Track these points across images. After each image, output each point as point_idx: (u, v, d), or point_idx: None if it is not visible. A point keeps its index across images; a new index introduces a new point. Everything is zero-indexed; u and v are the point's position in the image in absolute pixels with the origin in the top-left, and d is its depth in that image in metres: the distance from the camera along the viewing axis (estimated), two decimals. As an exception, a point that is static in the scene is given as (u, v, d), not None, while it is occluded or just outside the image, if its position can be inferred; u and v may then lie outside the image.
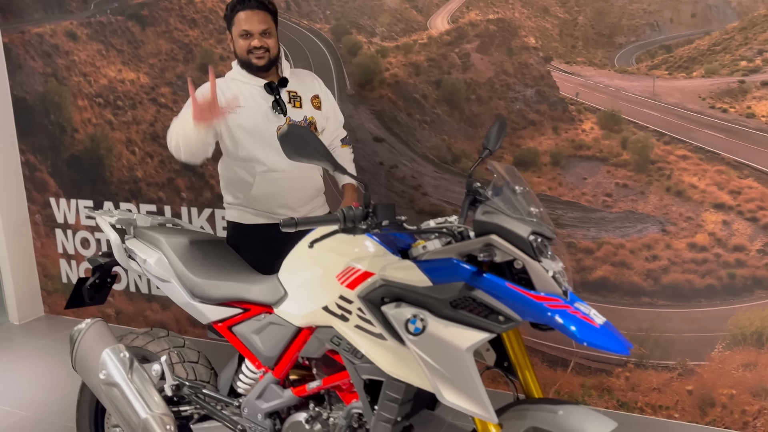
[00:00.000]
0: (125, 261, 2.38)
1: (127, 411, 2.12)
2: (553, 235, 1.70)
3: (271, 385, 2.06)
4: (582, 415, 1.61)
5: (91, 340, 2.23)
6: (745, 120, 2.68)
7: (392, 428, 1.81)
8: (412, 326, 1.68)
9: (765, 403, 2.84)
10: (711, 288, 2.83)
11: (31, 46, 4.06)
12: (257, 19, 2.45)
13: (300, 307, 1.95)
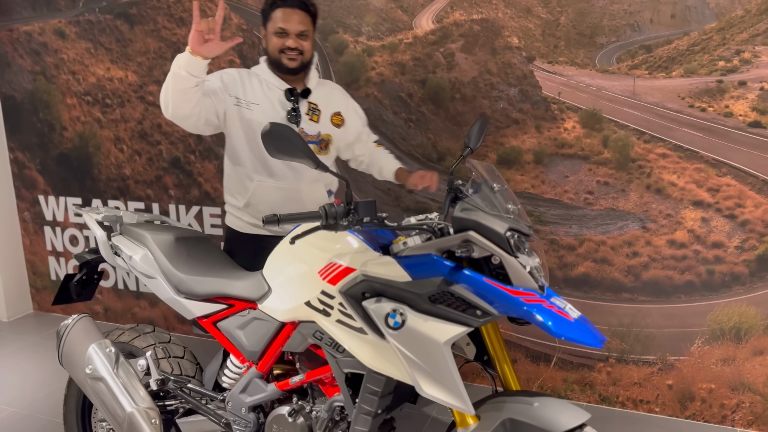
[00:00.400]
0: (111, 257, 2.41)
1: (112, 405, 2.14)
2: (530, 231, 1.73)
3: (255, 380, 2.09)
4: (557, 406, 1.65)
5: (78, 336, 2.26)
6: (723, 119, 2.73)
7: (372, 421, 1.84)
8: (391, 320, 1.71)
9: (743, 397, 2.90)
10: (690, 284, 2.88)
11: (20, 44, 4.07)
12: (296, 18, 2.34)
13: (283, 302, 1.98)
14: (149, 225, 2.46)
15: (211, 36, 2.10)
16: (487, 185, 1.80)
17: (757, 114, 2.67)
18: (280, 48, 2.34)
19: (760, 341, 2.82)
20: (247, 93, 2.39)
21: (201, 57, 2.12)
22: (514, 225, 1.68)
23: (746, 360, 2.86)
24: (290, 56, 2.35)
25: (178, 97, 2.20)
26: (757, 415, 2.89)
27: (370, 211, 1.71)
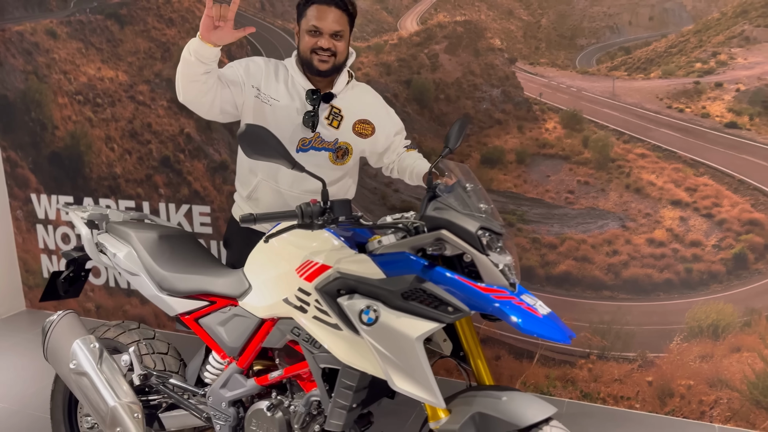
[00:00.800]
0: (96, 255, 2.45)
1: (96, 399, 2.19)
2: (502, 230, 1.77)
3: (235, 375, 2.13)
4: (524, 400, 1.69)
5: (63, 332, 2.30)
6: (701, 120, 2.77)
7: (347, 414, 1.88)
8: (365, 316, 1.75)
9: (721, 393, 2.95)
10: (669, 282, 2.93)
11: (12, 43, 4.11)
12: (332, 17, 2.19)
13: (263, 299, 2.02)
14: (134, 223, 2.50)
15: (221, 23, 2.02)
16: (460, 185, 1.83)
17: (733, 115, 2.72)
18: (312, 48, 2.21)
19: (737, 338, 2.87)
20: (270, 87, 2.30)
21: (211, 44, 2.05)
22: (486, 224, 1.71)
23: (724, 357, 2.91)
24: (322, 57, 2.22)
25: (188, 83, 2.15)
26: (735, 411, 2.93)
27: (344, 210, 1.74)
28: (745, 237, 2.79)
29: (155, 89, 3.77)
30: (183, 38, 3.63)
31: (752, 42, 2.65)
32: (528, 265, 3.14)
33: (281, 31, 3.41)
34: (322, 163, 2.35)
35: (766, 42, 2.63)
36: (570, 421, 3.01)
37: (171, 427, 2.28)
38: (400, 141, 2.52)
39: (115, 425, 2.17)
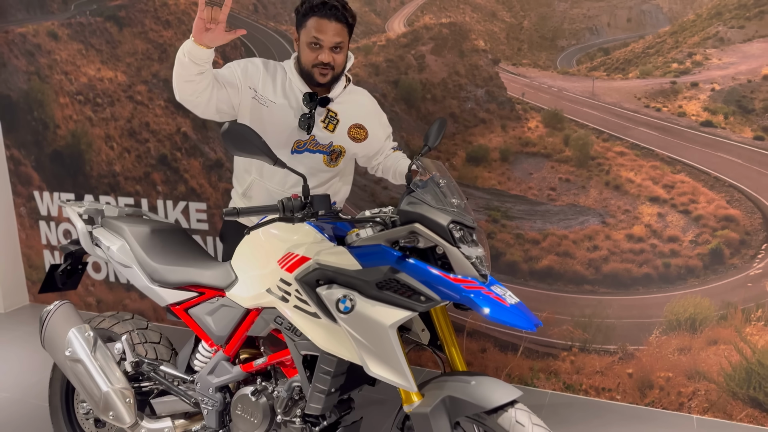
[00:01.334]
0: (91, 248, 2.55)
1: (90, 385, 2.30)
2: (474, 224, 1.85)
3: (222, 362, 2.23)
4: (491, 384, 1.78)
5: (59, 321, 2.42)
6: (677, 118, 2.85)
7: (326, 398, 1.98)
8: (342, 305, 1.83)
9: (699, 385, 3.02)
10: (648, 276, 3.01)
11: (15, 45, 4.23)
12: (332, 30, 2.20)
13: (248, 290, 2.12)
14: (129, 218, 2.60)
15: (213, 25, 2.06)
16: (434, 181, 1.91)
17: (708, 114, 2.80)
18: (313, 62, 2.24)
19: (714, 331, 2.95)
20: (267, 89, 2.33)
21: (204, 46, 2.09)
22: (457, 218, 1.79)
23: (701, 349, 2.99)
24: (322, 71, 2.25)
25: (183, 83, 2.20)
26: (712, 403, 3.01)
27: (324, 204, 1.84)
28: (720, 233, 2.87)
29: (153, 89, 3.87)
30: (179, 40, 3.73)
31: (726, 43, 2.73)
32: (512, 260, 3.23)
33: (274, 33, 3.51)
34: (315, 164, 2.41)
35: (739, 43, 2.71)
36: (553, 412, 3.10)
37: (161, 412, 2.38)
38: (388, 144, 2.59)
39: (108, 410, 2.28)
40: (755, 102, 2.72)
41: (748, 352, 2.91)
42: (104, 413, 2.29)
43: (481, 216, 3.23)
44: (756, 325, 2.88)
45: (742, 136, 2.76)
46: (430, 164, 2.04)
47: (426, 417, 1.76)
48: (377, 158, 2.57)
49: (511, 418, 1.70)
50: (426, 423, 1.76)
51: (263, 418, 2.12)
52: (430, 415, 1.75)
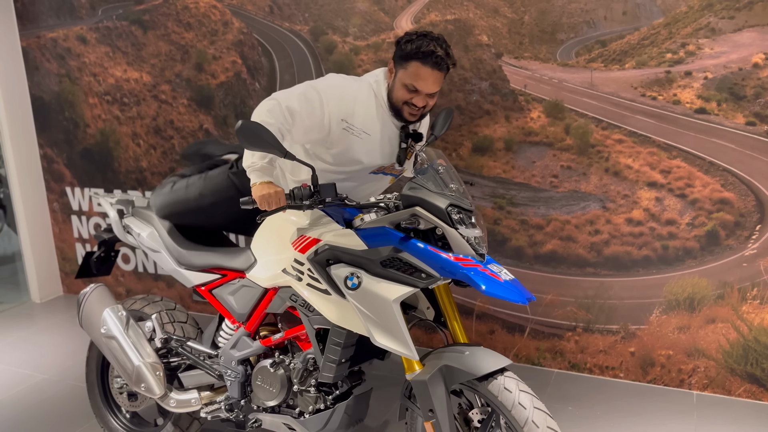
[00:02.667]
0: (123, 235, 2.77)
1: (123, 360, 2.51)
2: (472, 207, 2.01)
3: (244, 338, 2.43)
4: (483, 354, 1.93)
5: (95, 302, 2.63)
6: (672, 106, 2.98)
7: (337, 368, 2.15)
8: (350, 282, 2.01)
9: (698, 362, 3.15)
10: (647, 258, 3.14)
11: (47, 49, 4.48)
12: (432, 79, 2.12)
13: (265, 271, 2.30)
14: None
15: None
16: (433, 167, 2.06)
17: (702, 101, 2.92)
18: (405, 101, 2.17)
19: (711, 310, 3.07)
20: (360, 120, 2.22)
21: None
22: (455, 201, 1.95)
23: (700, 328, 3.11)
24: (413, 111, 2.19)
25: None
26: (712, 379, 3.14)
27: (330, 192, 2.01)
28: (716, 215, 2.99)
29: (176, 89, 4.09)
30: (200, 41, 3.94)
31: (718, 33, 2.85)
32: (517, 245, 3.38)
33: (289, 33, 3.70)
34: (383, 184, 2.51)
35: (730, 33, 2.83)
36: (558, 390, 3.24)
37: (188, 384, 2.58)
38: None
39: (140, 382, 2.49)
40: (746, 89, 2.84)
41: (745, 330, 3.03)
42: (137, 385, 2.50)
43: (486, 203, 3.39)
44: (752, 304, 3.00)
45: (734, 122, 2.88)
46: (431, 152, 2.19)
47: (425, 384, 1.91)
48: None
49: (500, 385, 1.84)
50: (425, 389, 1.92)
51: (281, 387, 2.30)
52: (428, 382, 1.91)
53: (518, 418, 1.80)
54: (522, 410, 1.80)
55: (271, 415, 2.38)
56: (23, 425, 3.11)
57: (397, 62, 2.17)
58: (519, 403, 1.81)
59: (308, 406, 2.27)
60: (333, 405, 2.23)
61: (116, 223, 2.78)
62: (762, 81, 2.80)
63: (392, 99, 2.21)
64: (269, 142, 1.93)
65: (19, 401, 3.34)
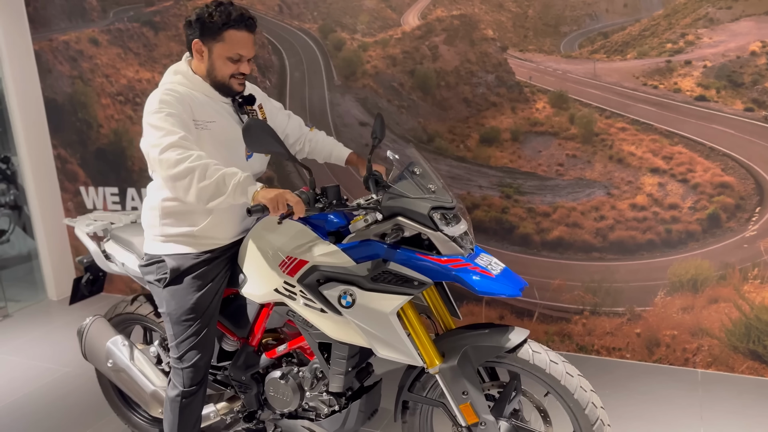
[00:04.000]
0: (105, 265, 2.72)
1: (135, 389, 2.56)
2: (453, 204, 1.98)
3: (248, 353, 2.40)
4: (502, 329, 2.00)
5: (95, 335, 2.67)
6: (673, 95, 3.09)
7: (345, 378, 2.16)
8: (344, 301, 2.00)
9: (702, 341, 3.26)
10: (651, 242, 3.26)
11: (59, 52, 4.58)
12: (251, 42, 2.14)
13: (258, 288, 2.22)
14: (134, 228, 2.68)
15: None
16: (408, 171, 2.03)
17: (701, 89, 3.03)
18: (232, 73, 2.15)
19: (714, 291, 3.18)
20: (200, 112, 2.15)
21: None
22: (436, 203, 1.93)
23: (703, 308, 3.23)
24: (240, 81, 2.19)
25: (206, 200, 2.01)
26: (715, 357, 3.25)
27: (336, 194, 1.98)
28: (717, 199, 3.10)
29: (188, 87, 4.18)
30: (211, 41, 4.03)
31: (716, 23, 2.96)
32: (525, 233, 3.49)
33: (298, 31, 3.80)
34: (262, 159, 2.38)
35: (727, 22, 2.93)
36: (566, 370, 3.35)
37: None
38: (291, 118, 2.55)
39: (157, 407, 2.53)
40: (744, 76, 2.95)
41: (747, 309, 3.14)
42: (154, 411, 2.54)
43: (494, 192, 3.50)
44: (753, 283, 3.11)
45: (733, 108, 2.99)
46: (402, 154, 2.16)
47: (455, 368, 1.96)
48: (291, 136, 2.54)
49: (528, 351, 1.95)
50: (456, 373, 1.97)
51: (293, 395, 2.31)
52: (458, 366, 1.96)
53: (555, 374, 1.92)
54: (556, 366, 1.93)
55: (288, 420, 2.40)
56: (53, 415, 3.22)
57: (207, 40, 2.10)
58: (551, 361, 1.94)
59: (323, 409, 2.30)
60: (347, 405, 2.26)
61: (97, 255, 2.73)
62: (759, 68, 2.91)
63: (217, 78, 2.15)
64: (278, 142, 1.88)
65: (47, 393, 3.46)
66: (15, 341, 4.19)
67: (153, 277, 2.29)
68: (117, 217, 2.86)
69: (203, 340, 2.26)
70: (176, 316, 2.24)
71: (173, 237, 2.23)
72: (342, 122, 3.74)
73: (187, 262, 2.23)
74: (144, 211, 2.33)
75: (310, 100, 3.84)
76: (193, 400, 2.31)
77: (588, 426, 1.94)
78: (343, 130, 3.73)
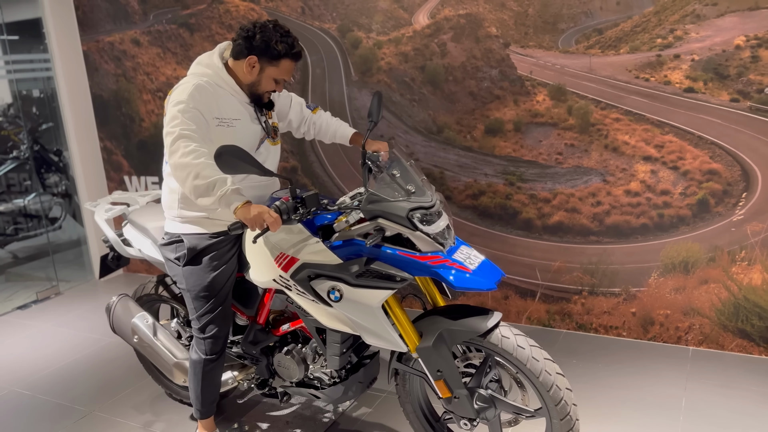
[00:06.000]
0: (124, 251, 2.94)
1: (159, 360, 2.85)
2: (432, 202, 2.09)
3: (257, 330, 2.65)
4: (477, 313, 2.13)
5: (121, 313, 2.95)
6: (664, 87, 3.28)
7: (340, 358, 2.39)
8: (332, 296, 2.17)
9: (693, 320, 3.45)
10: (645, 226, 3.45)
11: (105, 52, 4.99)
12: (293, 69, 2.41)
13: (259, 275, 2.41)
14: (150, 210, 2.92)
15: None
16: (388, 173, 2.14)
17: (690, 81, 3.21)
18: (270, 90, 2.41)
19: (704, 272, 3.37)
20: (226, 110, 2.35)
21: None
22: (414, 204, 2.05)
23: (694, 288, 3.41)
24: (270, 94, 2.45)
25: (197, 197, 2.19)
26: (706, 335, 3.43)
27: (314, 202, 2.11)
28: (706, 185, 3.28)
29: (220, 84, 4.53)
30: (240, 40, 4.37)
31: (702, 19, 3.14)
32: (527, 218, 3.73)
33: (319, 31, 4.11)
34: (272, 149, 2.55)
35: (713, 18, 3.11)
36: (566, 347, 3.58)
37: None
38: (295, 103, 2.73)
39: (180, 377, 2.82)
40: (729, 69, 3.12)
41: (735, 289, 3.32)
42: (178, 380, 2.83)
43: (499, 180, 3.74)
44: (741, 265, 3.28)
45: (720, 99, 3.17)
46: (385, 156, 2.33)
47: (430, 349, 2.12)
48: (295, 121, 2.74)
49: (498, 336, 2.09)
50: (431, 353, 2.13)
51: (298, 368, 2.56)
52: (433, 347, 2.11)
53: (521, 358, 2.07)
54: (522, 351, 2.08)
55: (297, 388, 2.63)
56: (99, 376, 3.62)
57: (264, 60, 2.32)
58: (518, 345, 2.09)
59: (326, 380, 2.53)
60: (347, 377, 2.48)
61: (117, 243, 2.95)
62: (743, 61, 3.09)
63: (257, 91, 2.39)
64: (249, 163, 1.99)
65: (93, 358, 3.86)
66: (65, 316, 4.62)
67: (173, 255, 2.53)
68: (134, 198, 3.08)
69: (220, 314, 2.53)
70: (195, 292, 2.50)
71: (190, 218, 2.49)
72: (359, 115, 4.03)
73: (202, 242, 2.48)
74: (163, 194, 2.59)
75: (330, 94, 4.14)
76: (214, 367, 2.60)
77: (553, 406, 2.08)
78: (360, 122, 4.02)
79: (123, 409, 3.24)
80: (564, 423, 2.10)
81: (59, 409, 3.29)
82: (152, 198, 3.12)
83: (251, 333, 2.66)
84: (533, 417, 2.19)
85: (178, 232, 2.52)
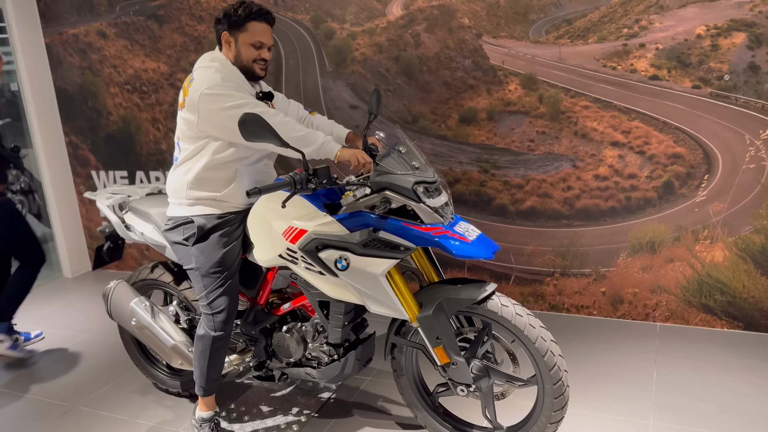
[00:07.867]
0: (126, 234, 3.03)
1: (158, 343, 2.87)
2: (434, 178, 2.23)
3: (257, 311, 2.73)
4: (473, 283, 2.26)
5: (119, 297, 2.97)
6: (630, 75, 3.43)
7: (342, 330, 2.49)
8: (339, 265, 2.27)
9: (660, 297, 3.63)
10: (613, 209, 3.61)
11: (69, 44, 4.90)
12: (269, 32, 2.51)
13: (263, 254, 2.49)
14: (151, 199, 2.97)
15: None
16: (395, 149, 2.28)
17: (654, 69, 3.37)
18: (255, 58, 2.49)
19: (670, 251, 3.54)
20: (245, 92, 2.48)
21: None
22: (419, 177, 2.18)
23: (661, 267, 3.59)
24: (262, 66, 2.53)
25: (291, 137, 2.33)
26: (672, 311, 3.62)
27: (326, 174, 2.25)
28: (670, 168, 3.45)
29: (191, 76, 4.51)
30: (212, 32, 4.36)
31: (666, 9, 3.30)
32: (501, 203, 3.84)
33: (292, 22, 4.13)
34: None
35: (676, 9, 3.27)
36: (540, 326, 3.71)
37: None
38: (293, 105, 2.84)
39: (176, 359, 2.85)
40: (691, 57, 3.29)
41: (699, 267, 3.50)
42: (174, 362, 2.86)
43: (473, 167, 3.85)
44: (703, 243, 3.47)
45: (682, 86, 3.34)
46: (391, 134, 2.44)
47: (430, 317, 2.25)
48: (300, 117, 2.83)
49: (496, 304, 2.24)
50: (431, 321, 2.25)
51: (298, 346, 2.66)
52: (433, 315, 2.24)
53: (519, 325, 2.20)
54: (520, 318, 2.21)
55: (294, 368, 2.71)
56: (80, 372, 3.58)
57: (233, 31, 2.47)
58: (516, 313, 2.22)
59: (324, 358, 2.62)
60: (345, 354, 2.57)
61: (118, 226, 3.02)
62: (704, 50, 3.26)
63: (242, 62, 2.50)
64: (271, 132, 2.11)
65: (71, 355, 3.82)
66: (36, 313, 4.54)
67: (180, 238, 2.61)
68: (133, 190, 3.15)
69: (230, 287, 2.59)
70: (205, 269, 2.55)
71: (200, 200, 2.56)
72: (334, 105, 4.08)
73: (212, 222, 2.56)
74: (171, 180, 2.64)
75: (304, 86, 4.18)
76: (222, 345, 2.64)
77: (546, 371, 2.22)
78: (336, 113, 4.07)
79: (107, 403, 3.22)
80: (556, 388, 2.22)
81: (41, 405, 3.26)
82: (151, 190, 3.17)
83: (251, 313, 2.72)
84: (525, 385, 2.32)
85: (188, 214, 2.59)
